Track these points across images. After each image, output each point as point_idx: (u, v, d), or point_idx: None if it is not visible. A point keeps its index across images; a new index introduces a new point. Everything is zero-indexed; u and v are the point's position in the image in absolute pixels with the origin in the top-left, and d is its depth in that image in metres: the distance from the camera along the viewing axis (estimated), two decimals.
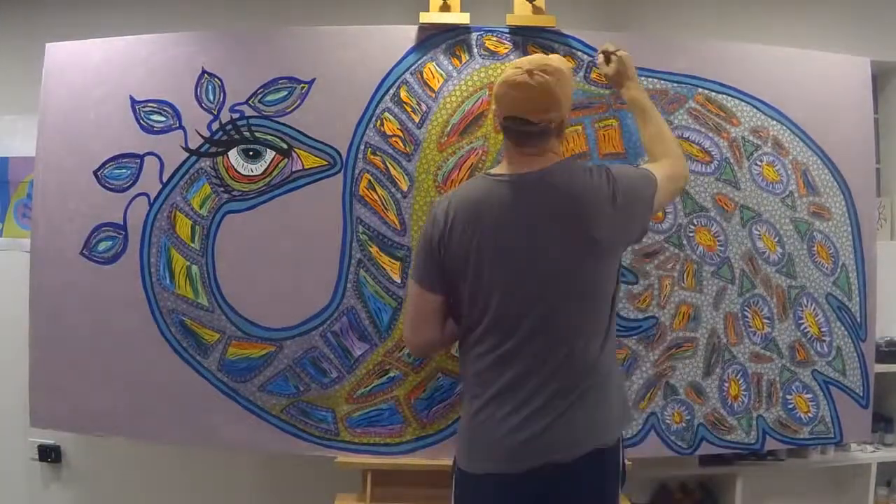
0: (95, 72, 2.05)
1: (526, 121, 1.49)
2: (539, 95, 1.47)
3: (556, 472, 1.46)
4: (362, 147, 2.01)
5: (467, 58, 2.03)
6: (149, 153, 2.02)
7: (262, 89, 2.02)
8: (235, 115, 2.01)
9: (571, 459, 1.45)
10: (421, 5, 2.03)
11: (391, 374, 1.99)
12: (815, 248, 2.10)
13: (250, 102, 2.02)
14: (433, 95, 2.01)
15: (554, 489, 1.47)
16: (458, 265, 1.51)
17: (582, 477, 1.47)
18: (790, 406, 2.08)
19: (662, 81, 2.06)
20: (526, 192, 1.50)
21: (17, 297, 2.10)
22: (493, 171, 1.59)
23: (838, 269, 2.11)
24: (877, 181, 2.44)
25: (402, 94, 2.01)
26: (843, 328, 2.11)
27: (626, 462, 1.57)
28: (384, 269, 1.99)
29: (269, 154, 2.01)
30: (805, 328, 2.09)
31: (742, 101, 2.09)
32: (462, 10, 2.03)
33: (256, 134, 2.01)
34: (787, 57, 2.14)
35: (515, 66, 1.51)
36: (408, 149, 2.01)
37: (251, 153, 2.01)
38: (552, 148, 1.54)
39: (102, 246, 2.02)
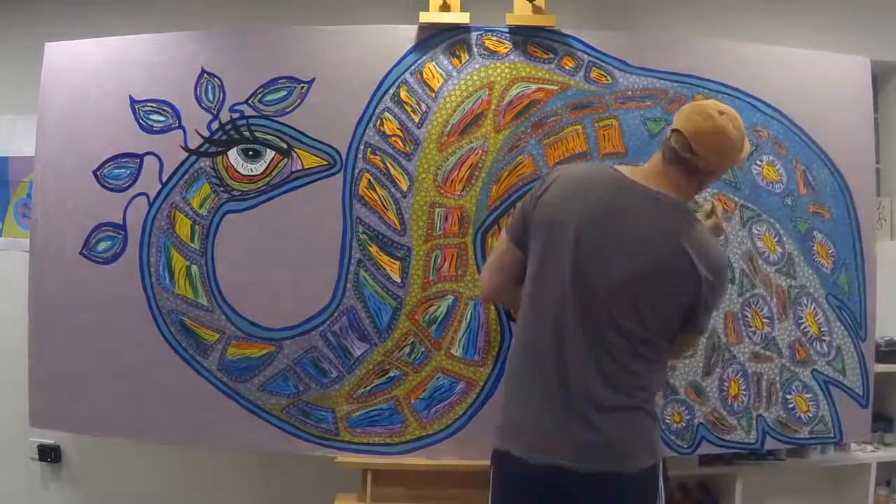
0: (95, 71, 2.05)
1: (690, 147, 1.47)
2: (718, 139, 1.47)
3: (568, 477, 1.45)
4: (362, 147, 2.01)
5: (467, 57, 2.03)
6: (148, 153, 2.02)
7: (261, 89, 2.02)
8: (235, 115, 2.01)
9: (582, 471, 1.44)
10: (421, 5, 2.03)
11: (391, 374, 1.99)
12: (814, 248, 2.10)
13: (250, 102, 2.02)
14: (433, 95, 2.01)
15: (566, 495, 1.47)
16: (539, 229, 1.53)
17: (594, 496, 1.46)
18: (790, 406, 2.08)
19: (662, 81, 2.06)
20: (632, 199, 1.48)
21: (17, 297, 2.10)
22: (621, 166, 1.58)
23: (838, 269, 2.11)
24: (877, 181, 2.44)
25: (402, 93, 2.01)
26: (843, 328, 2.11)
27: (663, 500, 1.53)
28: (384, 269, 1.99)
29: (269, 154, 2.01)
30: (805, 328, 2.09)
31: (742, 100, 2.09)
32: (462, 10, 2.03)
33: (256, 134, 2.01)
34: (787, 57, 2.14)
35: (720, 107, 1.50)
36: (408, 148, 2.01)
37: (251, 153, 2.01)
38: (684, 188, 1.52)
39: (102, 246, 2.02)
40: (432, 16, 2.02)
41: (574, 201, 1.50)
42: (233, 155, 2.02)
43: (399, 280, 1.99)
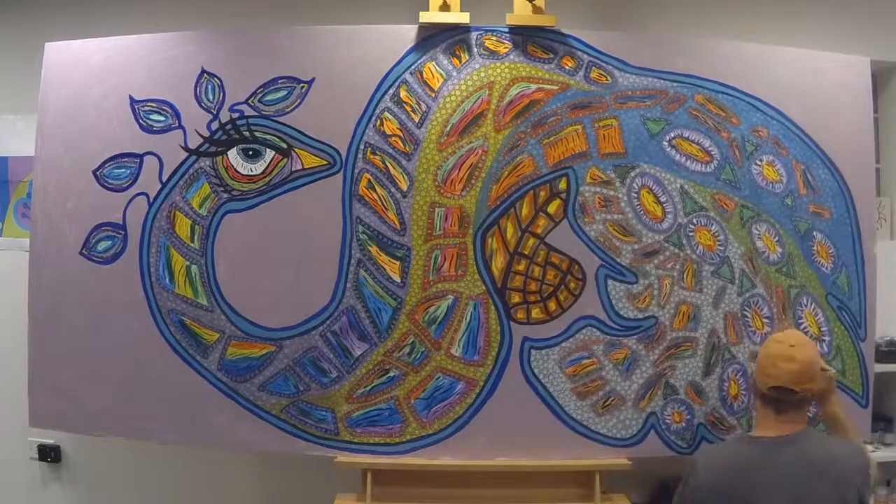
0: (95, 71, 2.05)
1: (791, 391, 1.61)
2: (803, 367, 1.62)
3: None
4: (362, 146, 2.01)
5: (467, 57, 2.03)
6: (148, 153, 2.02)
7: (261, 89, 2.02)
8: (235, 115, 2.01)
9: None
10: (421, 5, 2.03)
11: (391, 374, 1.99)
12: (814, 248, 2.10)
13: (250, 102, 2.02)
14: (433, 95, 2.01)
15: None
16: None
17: None
18: None
19: (662, 81, 2.06)
20: (786, 452, 1.59)
21: (17, 297, 2.10)
22: (751, 433, 1.70)
23: (838, 269, 2.11)
24: (877, 181, 2.44)
25: (402, 93, 2.01)
26: (843, 328, 2.10)
27: None
28: (384, 269, 1.99)
29: (269, 154, 2.01)
30: (805, 328, 2.09)
31: (742, 100, 2.09)
32: (462, 10, 2.03)
33: (256, 133, 2.01)
34: (787, 57, 2.14)
35: (778, 340, 1.70)
36: (407, 148, 2.01)
37: (251, 153, 2.01)
38: (804, 417, 1.66)
39: (102, 246, 2.02)
40: (432, 16, 2.02)
41: (737, 483, 1.60)
42: (233, 155, 2.02)
43: (399, 280, 1.99)
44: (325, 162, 2.01)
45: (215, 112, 2.02)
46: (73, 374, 2.01)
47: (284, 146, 2.01)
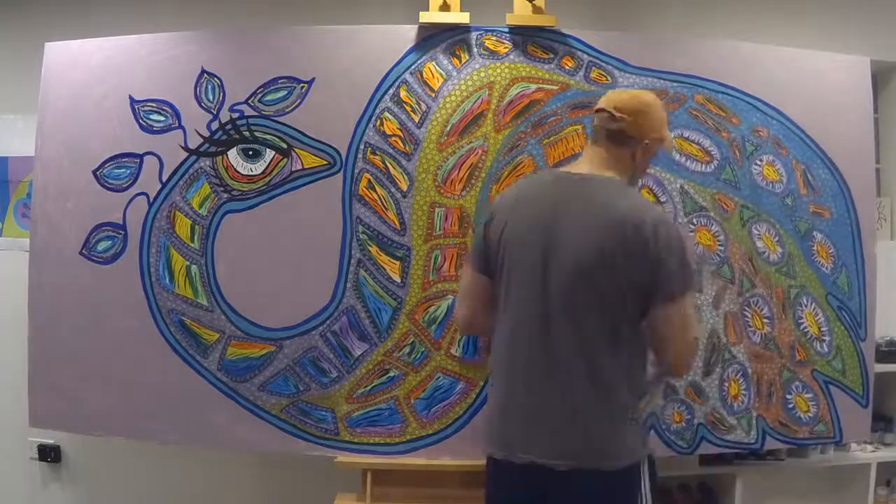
0: (95, 71, 2.05)
1: (610, 114, 1.56)
2: (634, 100, 1.58)
3: (546, 476, 1.45)
4: (362, 146, 2.01)
5: (467, 57, 2.03)
6: (148, 153, 2.02)
7: (261, 89, 2.02)
8: (235, 115, 2.01)
9: (560, 468, 1.44)
10: (421, 5, 2.03)
11: (391, 374, 1.99)
12: (814, 248, 2.10)
13: (250, 102, 2.02)
14: (433, 95, 2.01)
15: (544, 494, 1.48)
16: (499, 251, 1.56)
17: (574, 493, 1.46)
18: (790, 406, 2.07)
19: (662, 81, 2.06)
20: (570, 188, 1.53)
21: (17, 297, 2.10)
22: (562, 166, 1.65)
23: (838, 269, 2.11)
24: (877, 181, 2.44)
25: (402, 93, 2.01)
26: (843, 328, 2.10)
27: (648, 496, 1.52)
28: (384, 269, 1.99)
29: (269, 154, 2.01)
30: (805, 328, 2.09)
31: (742, 100, 2.09)
32: (462, 10, 2.03)
33: (256, 133, 2.01)
34: (787, 57, 2.14)
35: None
36: (407, 148, 2.01)
37: (251, 153, 2.01)
38: (619, 160, 1.56)
39: (102, 246, 2.02)
40: (432, 16, 2.02)
41: (519, 212, 1.56)
42: (233, 155, 2.02)
43: (399, 280, 1.99)
44: (325, 162, 2.01)
45: (215, 112, 2.02)
46: (73, 374, 2.01)
47: (284, 146, 2.01)
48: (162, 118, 2.03)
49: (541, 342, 1.48)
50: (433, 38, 2.03)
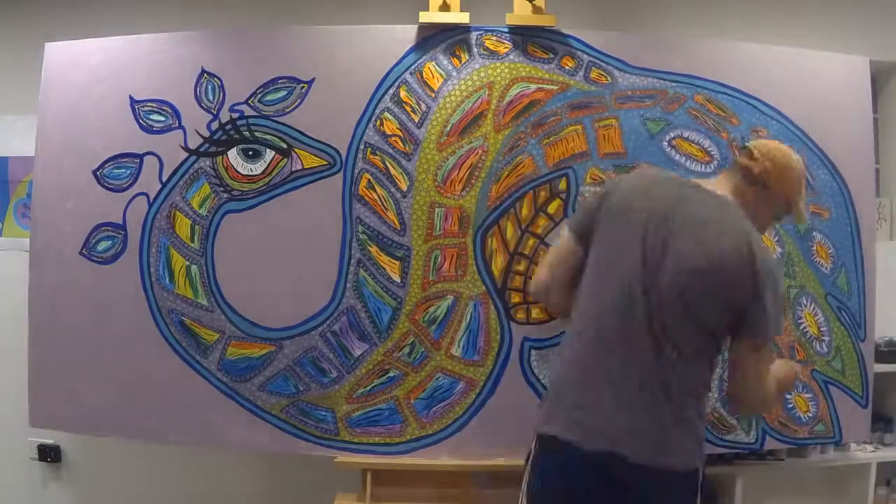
0: (95, 71, 2.05)
1: (751, 153, 1.60)
2: (780, 153, 1.61)
3: (620, 467, 1.44)
4: (362, 147, 2.01)
5: (467, 57, 2.03)
6: (148, 153, 2.02)
7: (261, 89, 2.02)
8: (235, 115, 2.01)
9: (634, 462, 1.44)
10: (421, 5, 2.03)
11: (391, 374, 1.99)
12: (814, 248, 2.10)
13: (250, 102, 2.02)
14: (433, 95, 2.01)
15: (613, 485, 1.46)
16: (606, 225, 1.56)
17: (643, 488, 1.46)
18: (790, 406, 2.07)
19: (662, 81, 2.06)
20: (693, 194, 1.54)
21: (17, 297, 2.10)
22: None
23: (838, 269, 2.11)
24: (876, 181, 2.44)
25: (402, 93, 2.01)
26: (842, 328, 2.11)
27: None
28: (384, 269, 1.99)
29: (269, 154, 2.01)
30: (804, 328, 2.09)
31: (742, 100, 2.09)
32: (462, 10, 2.03)
33: (256, 133, 2.01)
34: (787, 57, 2.14)
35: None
36: (407, 148, 2.01)
37: (251, 153, 2.01)
38: (743, 193, 1.59)
39: (102, 246, 2.02)
40: (432, 15, 2.02)
41: (640, 199, 1.55)
42: (233, 155, 2.02)
43: (399, 280, 1.99)
44: (325, 162, 2.01)
45: (215, 112, 2.02)
46: (74, 375, 2.01)
47: (284, 146, 2.01)
48: (162, 118, 2.03)
49: (633, 329, 1.47)
50: (433, 38, 2.03)
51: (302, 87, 2.02)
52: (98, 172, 2.03)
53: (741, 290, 1.45)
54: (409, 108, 2.01)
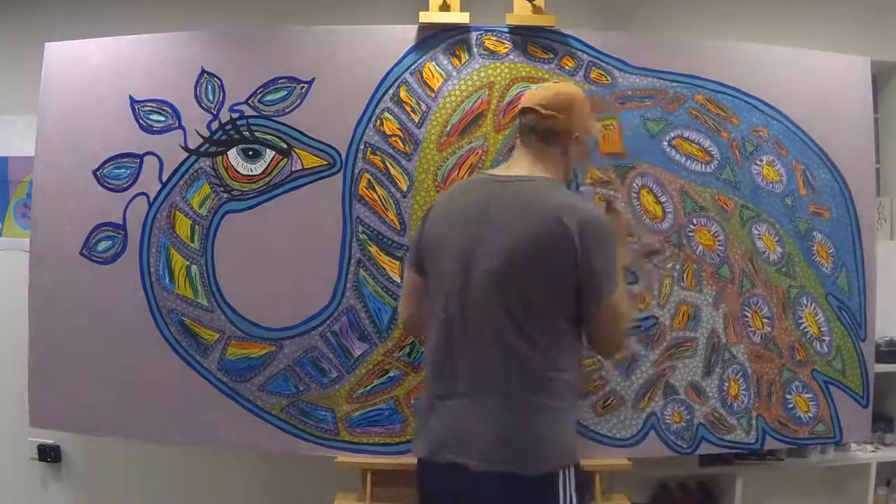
0: (95, 71, 2.05)
1: (538, 113, 1.50)
2: (555, 94, 1.52)
3: (463, 477, 1.40)
4: (362, 147, 2.01)
5: (467, 57, 2.03)
6: (148, 153, 2.02)
7: (261, 89, 2.02)
8: (235, 115, 2.01)
9: (475, 469, 1.38)
10: (421, 5, 2.03)
11: (391, 374, 1.99)
12: (814, 248, 2.10)
13: (250, 102, 2.02)
14: (433, 95, 2.01)
15: (459, 495, 1.43)
16: (428, 252, 1.54)
17: (488, 496, 1.39)
18: (790, 406, 2.08)
19: (662, 81, 2.06)
20: (494, 190, 1.48)
21: (17, 297, 2.10)
22: (492, 169, 1.60)
23: (838, 269, 2.11)
24: (877, 181, 2.44)
25: (402, 93, 2.01)
26: (842, 328, 2.10)
27: None
28: (384, 269, 1.99)
29: (269, 154, 2.01)
30: (805, 328, 2.09)
31: (742, 100, 2.09)
32: (462, 10, 2.03)
33: (256, 133, 2.01)
34: (787, 57, 2.14)
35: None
36: (407, 148, 2.01)
37: (251, 153, 2.01)
38: (551, 159, 1.51)
39: (102, 246, 2.02)
40: (432, 16, 2.02)
41: (448, 213, 1.52)
42: (233, 155, 2.02)
43: (399, 280, 1.99)
44: (325, 162, 2.01)
45: (215, 112, 2.02)
46: (74, 375, 2.01)
47: (284, 146, 2.01)
48: (162, 118, 2.03)
49: (460, 344, 1.44)
50: (433, 38, 2.03)
51: (302, 87, 2.02)
52: (98, 172, 2.03)
53: (563, 265, 1.40)
54: (409, 108, 2.01)
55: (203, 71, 2.03)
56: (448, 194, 1.60)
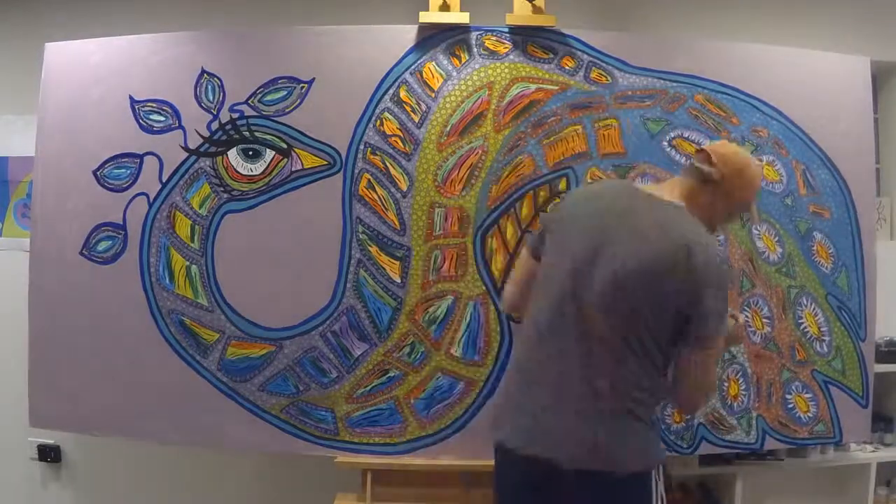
0: (95, 71, 2.05)
1: (708, 158, 1.57)
2: (734, 153, 1.59)
3: (551, 473, 1.44)
4: (362, 147, 2.01)
5: (467, 57, 2.03)
6: (148, 153, 2.02)
7: (261, 89, 2.02)
8: (235, 115, 2.01)
9: (565, 467, 1.43)
10: (421, 5, 2.03)
11: (391, 374, 1.99)
12: (814, 248, 2.10)
13: (250, 102, 2.02)
14: (433, 95, 2.01)
15: (546, 490, 1.47)
16: (551, 235, 1.58)
17: (574, 493, 1.45)
18: (790, 406, 2.08)
19: (662, 81, 2.06)
20: (635, 202, 1.52)
21: (17, 297, 2.10)
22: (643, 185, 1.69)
23: (838, 269, 2.11)
24: (877, 181, 2.44)
25: (402, 93, 2.01)
26: (842, 328, 2.11)
27: None
28: (384, 269, 1.99)
29: (269, 154, 2.01)
30: (805, 328, 2.09)
31: (742, 100, 2.09)
32: (462, 10, 2.03)
33: (256, 134, 2.01)
34: (787, 57, 2.14)
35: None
36: (407, 148, 2.01)
37: (251, 153, 2.01)
38: (696, 195, 1.56)
39: (102, 246, 2.02)
40: (432, 16, 2.02)
41: (582, 206, 1.57)
42: (233, 155, 2.02)
43: (399, 280, 1.99)
44: (325, 162, 2.01)
45: (215, 112, 2.02)
46: (74, 375, 2.01)
47: (284, 146, 2.01)
48: (162, 118, 2.03)
49: (566, 333, 1.47)
50: (433, 38, 2.03)
51: (302, 87, 2.02)
52: (98, 172, 2.03)
53: (678, 295, 1.44)
54: (409, 108, 2.01)
55: (203, 71, 2.03)
56: (584, 190, 1.68)
